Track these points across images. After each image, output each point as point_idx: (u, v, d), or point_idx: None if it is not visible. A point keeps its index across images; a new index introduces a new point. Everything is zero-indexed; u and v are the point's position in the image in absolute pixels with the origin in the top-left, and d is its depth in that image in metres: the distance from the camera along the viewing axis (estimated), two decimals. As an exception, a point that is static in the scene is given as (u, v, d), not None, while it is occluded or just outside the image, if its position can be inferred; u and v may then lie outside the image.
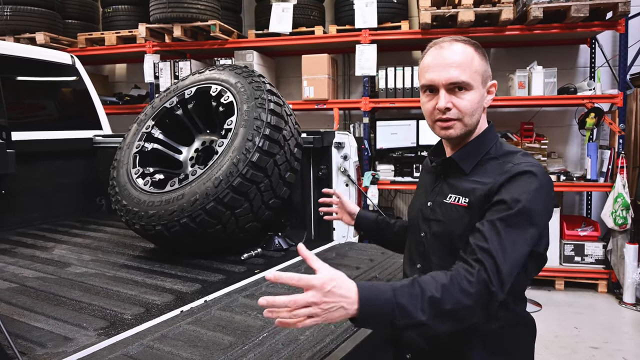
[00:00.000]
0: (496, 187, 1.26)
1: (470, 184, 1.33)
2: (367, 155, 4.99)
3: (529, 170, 1.25)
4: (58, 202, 3.18)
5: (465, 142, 1.39)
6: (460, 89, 1.31)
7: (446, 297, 1.11)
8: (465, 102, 1.31)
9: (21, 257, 2.25)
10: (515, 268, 1.21)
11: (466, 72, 1.30)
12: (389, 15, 5.04)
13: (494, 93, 1.39)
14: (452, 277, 1.15)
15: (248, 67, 2.38)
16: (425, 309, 1.10)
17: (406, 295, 1.10)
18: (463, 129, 1.34)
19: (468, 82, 1.30)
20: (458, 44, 1.34)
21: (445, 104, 1.31)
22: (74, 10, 5.95)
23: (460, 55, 1.32)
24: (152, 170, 2.32)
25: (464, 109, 1.32)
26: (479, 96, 1.34)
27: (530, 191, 1.22)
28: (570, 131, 5.28)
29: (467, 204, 1.31)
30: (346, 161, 2.52)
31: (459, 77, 1.30)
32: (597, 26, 4.50)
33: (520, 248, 1.21)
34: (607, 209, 4.44)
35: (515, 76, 4.72)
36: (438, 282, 1.13)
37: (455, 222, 1.33)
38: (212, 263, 2.09)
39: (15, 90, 3.09)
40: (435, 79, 1.32)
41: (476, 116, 1.35)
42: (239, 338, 1.36)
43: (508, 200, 1.22)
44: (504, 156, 1.35)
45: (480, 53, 1.35)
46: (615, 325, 3.93)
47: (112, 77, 6.82)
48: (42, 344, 1.34)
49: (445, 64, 1.31)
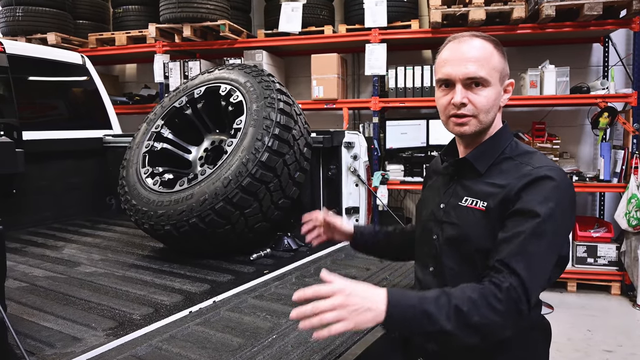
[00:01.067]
0: (515, 192, 1.23)
1: (487, 186, 1.30)
2: (377, 155, 4.97)
3: (549, 175, 1.22)
4: (68, 201, 3.20)
5: (479, 142, 1.36)
6: (477, 84, 1.28)
7: (473, 311, 1.10)
8: (481, 98, 1.28)
9: (31, 257, 2.26)
10: (544, 281, 1.20)
11: (484, 67, 1.27)
12: (398, 14, 5.01)
13: (510, 92, 1.36)
14: (480, 291, 1.13)
15: (257, 67, 2.36)
16: (450, 317, 1.09)
17: (433, 303, 1.11)
18: (478, 126, 1.31)
19: (486, 78, 1.27)
20: (477, 40, 1.31)
21: (461, 99, 1.28)
22: (84, 11, 5.99)
23: (479, 50, 1.29)
24: (161, 169, 2.31)
25: (480, 105, 1.28)
26: (496, 93, 1.31)
27: (554, 198, 1.19)
28: (583, 131, 5.21)
29: (485, 208, 1.27)
30: (356, 161, 2.50)
31: (476, 73, 1.27)
32: (611, 24, 4.43)
33: (548, 259, 1.20)
34: (620, 210, 4.37)
35: (527, 75, 4.67)
36: (466, 295, 1.12)
37: (471, 226, 1.29)
38: (221, 263, 2.08)
39: (26, 90, 3.11)
40: (452, 73, 1.29)
41: (492, 114, 1.32)
42: (248, 339, 1.35)
43: (531, 210, 1.19)
44: (521, 156, 1.32)
45: (499, 50, 1.32)
46: (629, 328, 3.87)
47: (122, 77, 6.86)
48: (51, 344, 1.34)
49: (463, 59, 1.28)
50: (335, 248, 2.38)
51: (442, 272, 1.36)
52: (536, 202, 1.19)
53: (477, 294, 1.13)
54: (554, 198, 1.19)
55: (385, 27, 4.89)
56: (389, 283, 1.86)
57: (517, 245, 1.17)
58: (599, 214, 5.09)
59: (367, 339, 1.44)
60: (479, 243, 1.27)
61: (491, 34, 1.38)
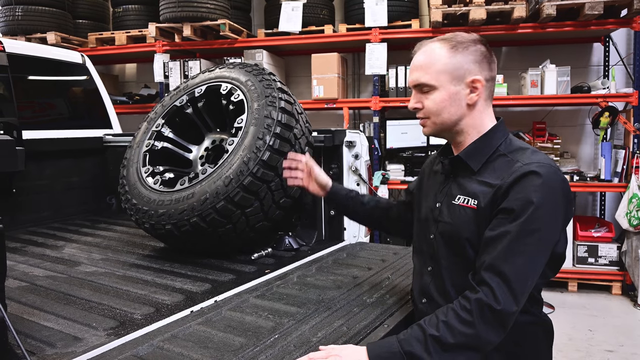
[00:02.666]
0: (503, 190, 1.23)
1: (479, 185, 1.30)
2: (377, 154, 4.96)
3: (535, 170, 1.21)
4: (68, 200, 3.19)
5: (464, 141, 1.38)
6: (425, 90, 1.34)
7: (445, 333, 1.15)
8: (429, 102, 1.34)
9: (31, 256, 2.25)
10: (530, 277, 1.20)
11: (428, 73, 1.33)
12: (399, 14, 5.00)
13: (479, 89, 1.32)
14: (450, 310, 1.19)
15: (258, 65, 2.35)
16: (430, 350, 1.15)
17: (411, 342, 1.17)
18: (434, 127, 1.37)
19: (429, 83, 1.32)
20: (427, 45, 1.37)
21: (412, 104, 1.39)
22: (84, 10, 5.99)
23: (424, 56, 1.35)
24: (162, 169, 2.30)
25: (428, 108, 1.35)
26: (446, 95, 1.32)
27: (540, 194, 1.19)
28: (584, 130, 5.20)
29: (476, 206, 1.28)
30: (357, 160, 2.49)
31: (419, 79, 1.35)
32: (612, 24, 4.43)
33: (535, 256, 1.20)
34: (621, 210, 4.37)
35: (528, 75, 4.67)
36: (438, 319, 1.18)
37: (463, 224, 1.30)
38: (222, 263, 2.07)
39: (26, 89, 3.10)
40: (408, 81, 1.37)
41: (446, 114, 1.34)
42: (250, 339, 1.34)
43: (515, 208, 1.19)
44: (514, 153, 1.31)
45: (454, 50, 1.31)
46: (630, 328, 3.86)
47: (122, 77, 6.85)
48: (52, 343, 1.33)
49: (412, 67, 1.38)
50: (337, 248, 2.38)
51: (439, 272, 1.37)
52: (523, 200, 1.19)
53: (447, 315, 1.18)
54: (540, 195, 1.19)
55: (385, 27, 4.89)
56: (391, 282, 1.85)
57: (503, 245, 1.19)
58: (600, 214, 5.08)
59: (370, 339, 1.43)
60: (471, 241, 1.28)
61: (492, 34, 1.39)
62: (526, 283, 1.18)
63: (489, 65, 1.34)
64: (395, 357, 1.16)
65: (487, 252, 1.21)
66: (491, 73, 1.35)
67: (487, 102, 1.36)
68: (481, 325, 1.14)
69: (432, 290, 1.39)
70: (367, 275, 1.93)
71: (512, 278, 1.15)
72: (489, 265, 1.18)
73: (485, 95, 1.35)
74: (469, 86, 1.32)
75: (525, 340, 1.32)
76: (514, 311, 1.16)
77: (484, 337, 1.15)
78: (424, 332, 1.16)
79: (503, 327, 1.16)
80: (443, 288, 1.35)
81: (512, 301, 1.15)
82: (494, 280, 1.16)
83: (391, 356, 1.16)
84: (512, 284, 1.15)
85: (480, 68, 1.32)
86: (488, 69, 1.34)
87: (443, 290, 1.35)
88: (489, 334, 1.15)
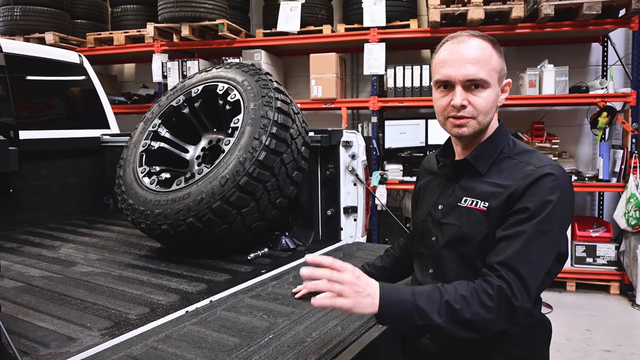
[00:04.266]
0: (519, 192, 1.23)
1: (488, 186, 1.29)
2: (376, 154, 4.96)
3: (550, 172, 1.23)
4: (65, 201, 3.19)
5: (477, 142, 1.35)
6: (476, 86, 1.27)
7: (464, 308, 1.13)
8: (481, 100, 1.28)
9: (28, 256, 2.25)
10: (542, 276, 1.21)
11: (484, 69, 1.26)
12: (397, 14, 5.00)
13: (507, 92, 1.37)
14: (472, 288, 1.17)
15: (255, 65, 2.35)
16: (442, 313, 1.13)
17: (424, 299, 1.14)
18: (476, 128, 1.30)
19: (485, 79, 1.27)
20: (475, 39, 1.29)
21: (461, 101, 1.27)
22: (82, 10, 5.98)
23: (478, 51, 1.28)
24: (158, 169, 2.30)
25: (480, 107, 1.28)
26: (495, 94, 1.30)
27: (555, 195, 1.20)
28: (582, 130, 5.20)
29: (487, 208, 1.27)
30: (354, 160, 2.49)
31: (476, 74, 1.26)
32: (610, 24, 4.43)
33: (546, 255, 1.21)
34: (619, 210, 4.37)
35: (526, 75, 4.66)
36: (458, 292, 1.15)
37: (473, 227, 1.29)
38: (218, 263, 2.07)
39: (24, 89, 3.10)
40: (451, 75, 1.28)
41: (490, 115, 1.31)
42: (244, 339, 1.34)
43: (532, 208, 1.20)
44: (520, 155, 1.32)
45: (497, 50, 1.31)
46: (628, 327, 3.86)
47: (120, 77, 6.85)
48: (46, 343, 1.33)
49: (462, 60, 1.27)
50: (333, 247, 2.37)
51: (442, 274, 1.35)
52: (539, 201, 1.20)
53: (469, 292, 1.16)
54: (555, 196, 1.20)
55: (384, 27, 4.88)
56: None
57: (519, 244, 1.18)
58: (598, 214, 5.08)
59: (364, 339, 1.43)
60: (479, 243, 1.27)
61: (490, 34, 1.38)
62: (538, 281, 1.20)
63: None
64: (405, 305, 1.14)
65: (501, 251, 1.20)
66: None
67: None
68: (498, 314, 1.14)
69: None
70: (363, 275, 1.93)
71: (527, 276, 1.16)
72: (504, 262, 1.18)
73: None
74: (503, 88, 1.34)
75: (524, 340, 1.32)
76: (526, 309, 1.17)
77: (496, 325, 1.16)
78: (442, 296, 1.15)
79: (513, 321, 1.18)
80: None
81: (527, 299, 1.16)
82: (510, 276, 1.16)
83: (402, 303, 1.14)
84: (527, 281, 1.16)
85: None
86: None
87: None
88: (501, 323, 1.16)
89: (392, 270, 1.68)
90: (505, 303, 1.14)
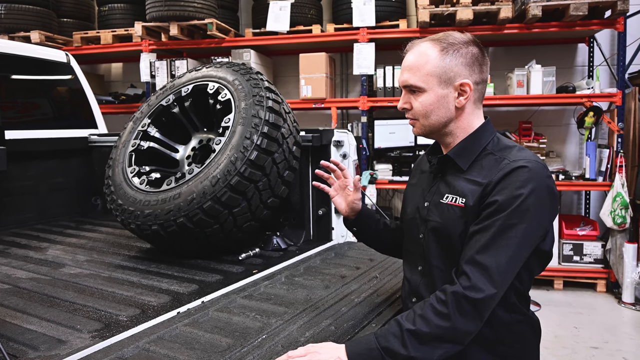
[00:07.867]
0: (491, 186, 1.24)
1: (467, 183, 1.31)
2: (365, 154, 4.97)
3: (522, 165, 1.23)
4: (53, 201, 3.14)
5: (452, 141, 1.38)
6: (413, 91, 1.35)
7: (421, 326, 1.16)
8: (417, 104, 1.35)
9: (14, 258, 2.21)
10: (511, 269, 1.20)
11: (416, 75, 1.33)
12: (387, 14, 5.02)
13: (468, 92, 1.32)
14: (427, 304, 1.19)
15: (245, 65, 2.34)
16: (406, 344, 1.15)
17: (388, 337, 1.17)
18: (423, 129, 1.38)
19: (418, 85, 1.33)
20: (422, 45, 1.35)
21: (401, 104, 1.39)
22: (69, 9, 5.91)
23: (415, 57, 1.35)
24: (148, 169, 2.28)
25: (416, 110, 1.36)
26: (435, 98, 1.32)
27: (526, 189, 1.20)
28: (569, 130, 5.26)
29: (464, 204, 1.28)
30: (345, 160, 2.49)
31: (408, 81, 1.35)
32: (596, 25, 4.49)
33: (517, 248, 1.20)
34: (606, 208, 4.43)
35: (514, 75, 4.71)
36: (416, 314, 1.18)
37: (452, 223, 1.31)
38: (209, 263, 2.05)
39: (9, 88, 3.05)
40: (398, 81, 1.40)
41: (434, 117, 1.34)
42: (237, 340, 1.33)
43: (501, 201, 1.20)
44: (501, 151, 1.32)
45: (444, 52, 1.31)
46: (614, 325, 3.92)
47: (107, 77, 6.78)
48: (35, 346, 1.30)
49: (403, 67, 1.38)
50: (325, 247, 2.37)
51: (430, 271, 1.37)
52: (508, 194, 1.21)
53: (424, 309, 1.19)
54: (527, 190, 1.20)
55: (373, 27, 4.90)
56: (379, 281, 1.85)
57: (486, 238, 1.20)
58: (585, 213, 5.15)
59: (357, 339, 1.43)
60: (459, 239, 1.28)
61: (478, 34, 1.39)
62: (506, 274, 1.19)
63: (480, 68, 1.33)
64: (372, 353, 1.16)
65: (470, 246, 1.22)
66: (482, 75, 1.34)
67: (476, 104, 1.37)
68: (457, 317, 1.15)
69: (422, 289, 1.40)
70: (355, 274, 1.93)
71: (491, 268, 1.16)
72: (470, 257, 1.19)
73: (474, 98, 1.35)
74: (458, 89, 1.32)
75: (513, 338, 1.33)
76: (491, 295, 1.16)
77: (461, 329, 1.16)
78: (401, 327, 1.17)
79: (480, 317, 1.17)
80: (433, 287, 1.35)
81: (490, 286, 1.15)
82: (473, 271, 1.17)
83: (369, 352, 1.17)
84: (491, 272, 1.16)
85: (471, 71, 1.32)
86: (479, 71, 1.33)
87: (433, 289, 1.35)
88: (465, 325, 1.16)
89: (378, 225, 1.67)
90: (462, 303, 1.15)
